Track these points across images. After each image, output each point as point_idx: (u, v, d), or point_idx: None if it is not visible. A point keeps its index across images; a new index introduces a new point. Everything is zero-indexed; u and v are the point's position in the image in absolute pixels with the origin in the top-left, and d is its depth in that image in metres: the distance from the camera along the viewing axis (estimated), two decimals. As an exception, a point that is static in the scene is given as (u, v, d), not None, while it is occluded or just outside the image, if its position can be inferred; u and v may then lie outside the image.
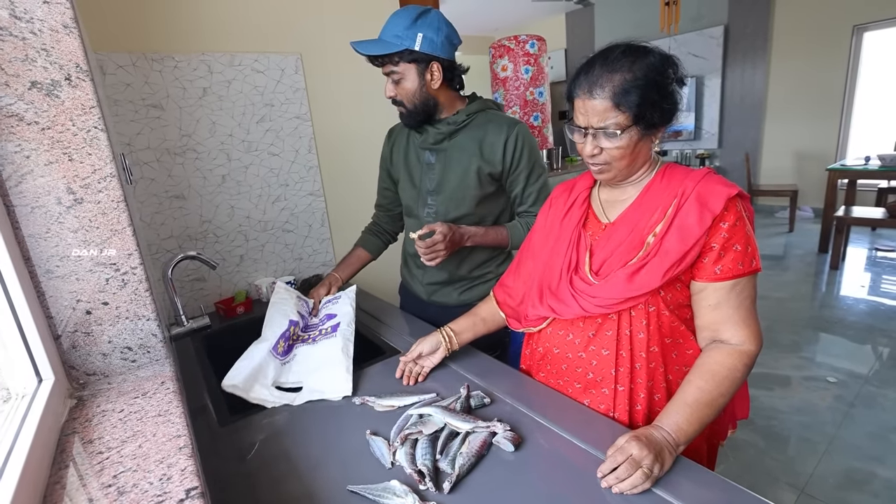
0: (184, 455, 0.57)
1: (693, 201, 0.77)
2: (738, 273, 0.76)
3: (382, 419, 0.88)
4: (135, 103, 1.36)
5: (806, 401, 2.09)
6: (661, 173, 0.83)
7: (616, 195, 0.88)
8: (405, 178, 1.27)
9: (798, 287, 3.39)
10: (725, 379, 0.76)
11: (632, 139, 0.76)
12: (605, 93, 0.74)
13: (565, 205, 0.94)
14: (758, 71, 5.18)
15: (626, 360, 0.83)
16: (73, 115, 0.70)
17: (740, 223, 0.76)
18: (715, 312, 0.79)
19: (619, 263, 0.81)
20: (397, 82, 1.11)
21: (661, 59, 0.76)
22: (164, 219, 1.45)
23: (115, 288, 0.77)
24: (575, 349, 0.88)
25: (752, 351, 0.78)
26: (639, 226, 0.81)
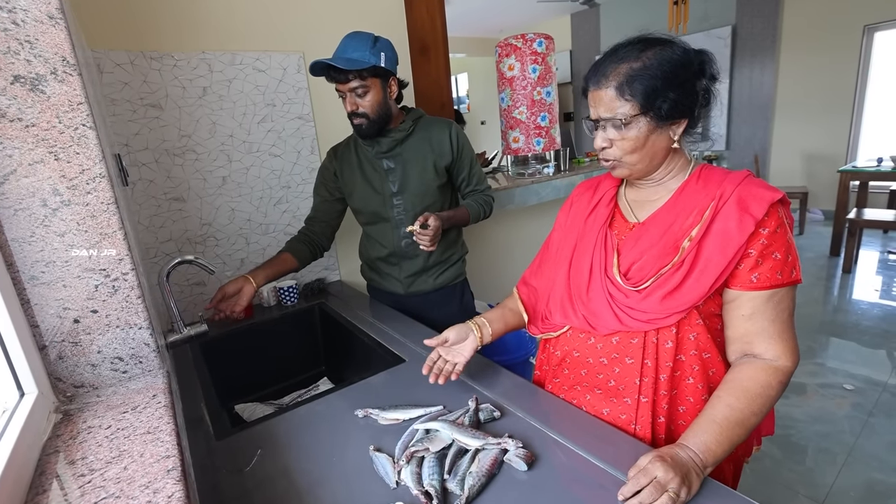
0: (172, 479, 0.52)
1: (733, 205, 0.72)
2: (777, 283, 0.71)
3: (387, 433, 0.84)
4: (133, 103, 1.32)
5: (823, 409, 2.03)
6: (697, 174, 0.79)
7: (646, 195, 0.83)
8: (364, 188, 1.37)
9: (810, 291, 3.32)
10: (759, 397, 0.70)
11: (641, 131, 0.73)
12: (609, 82, 0.72)
13: (589, 203, 0.89)
14: (766, 71, 5.11)
15: (651, 369, 0.78)
16: (60, 111, 0.66)
17: (781, 230, 0.71)
18: (748, 323, 0.73)
19: (651, 268, 0.76)
20: (362, 95, 1.23)
21: (682, 51, 0.72)
22: (162, 221, 1.42)
23: (105, 295, 0.73)
24: (597, 354, 0.83)
25: (788, 367, 0.73)
26: (672, 228, 0.76)
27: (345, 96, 1.24)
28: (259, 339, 1.50)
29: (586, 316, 0.83)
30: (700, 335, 0.76)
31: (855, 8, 4.47)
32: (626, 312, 0.78)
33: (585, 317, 0.83)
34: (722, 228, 0.71)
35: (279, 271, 1.35)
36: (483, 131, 7.80)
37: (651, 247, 0.77)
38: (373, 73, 1.21)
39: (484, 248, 2.36)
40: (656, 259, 0.76)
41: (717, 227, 0.72)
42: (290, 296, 1.58)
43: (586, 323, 0.83)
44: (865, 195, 4.00)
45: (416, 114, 1.37)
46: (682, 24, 3.45)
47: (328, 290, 1.70)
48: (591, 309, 0.82)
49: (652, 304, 0.75)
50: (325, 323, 1.56)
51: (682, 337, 0.76)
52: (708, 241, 0.72)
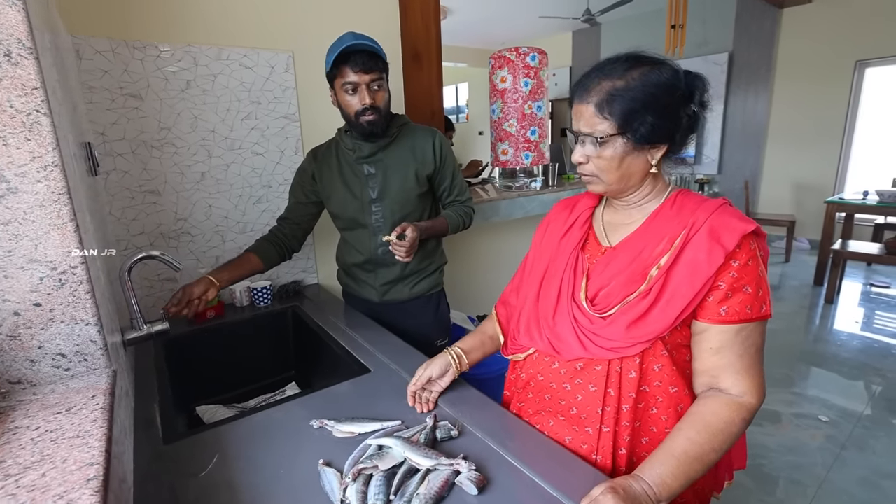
0: (90, 489, 0.49)
1: (704, 234, 0.70)
2: (746, 318, 0.69)
3: (340, 446, 0.81)
4: (112, 91, 1.29)
5: (796, 440, 2.02)
6: (672, 200, 0.77)
7: (621, 218, 0.82)
8: (343, 192, 1.34)
9: (792, 319, 3.34)
10: (720, 433, 0.68)
11: (616, 150, 0.72)
12: (591, 97, 0.72)
13: (565, 224, 0.88)
14: (760, 99, 5.19)
15: (614, 399, 0.76)
16: (12, 95, 0.64)
17: (753, 263, 0.70)
18: (716, 357, 0.72)
19: (617, 295, 0.74)
20: (378, 89, 1.21)
21: (671, 74, 0.71)
22: (135, 214, 1.38)
23: (50, 288, 0.70)
24: (560, 379, 0.81)
25: (753, 405, 0.71)
26: (642, 255, 0.74)
27: (357, 89, 1.19)
28: (228, 340, 1.46)
29: (551, 340, 0.81)
30: (665, 367, 0.75)
31: (848, 43, 4.56)
32: (591, 339, 0.76)
33: (550, 340, 0.81)
34: (691, 258, 0.70)
35: (244, 273, 1.31)
36: (481, 142, 7.82)
37: (619, 273, 0.75)
38: (385, 70, 1.22)
39: (465, 259, 2.35)
40: (623, 286, 0.74)
41: (687, 257, 0.70)
42: (263, 297, 1.55)
43: (551, 347, 0.81)
44: (851, 227, 4.04)
45: (401, 120, 1.35)
46: (678, 47, 3.49)
47: (304, 294, 1.67)
48: (556, 333, 0.80)
49: (616, 332, 0.73)
50: (297, 327, 1.53)
51: (646, 367, 0.74)
52: (676, 271, 0.71)
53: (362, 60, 1.16)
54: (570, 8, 5.40)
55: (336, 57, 1.16)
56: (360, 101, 1.19)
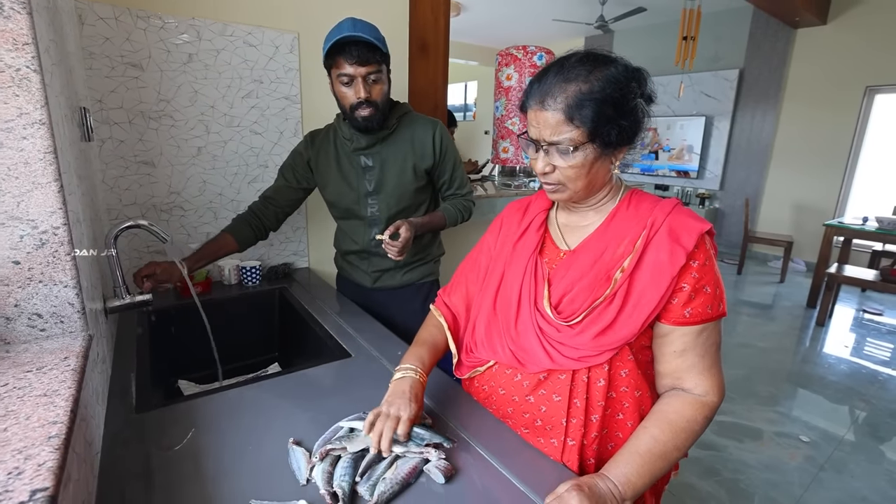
0: (50, 446, 0.49)
1: (664, 235, 0.70)
2: (707, 317, 0.70)
3: (312, 427, 0.81)
4: (112, 59, 1.29)
5: (775, 458, 2.02)
6: (627, 200, 0.76)
7: (576, 220, 0.80)
8: (339, 182, 1.31)
9: (782, 339, 3.34)
10: (683, 431, 0.69)
11: (587, 158, 0.69)
12: (557, 104, 0.67)
13: (519, 227, 0.85)
14: (767, 118, 5.19)
15: (580, 410, 0.74)
16: (2, 49, 0.63)
17: (710, 262, 0.70)
18: (679, 359, 0.72)
19: (582, 301, 0.72)
20: (376, 82, 1.17)
21: (623, 70, 0.68)
22: (128, 184, 1.38)
23: (31, 247, 0.70)
24: (522, 392, 0.79)
25: (715, 403, 0.72)
26: (604, 257, 0.73)
27: (353, 82, 1.14)
28: (214, 317, 1.45)
29: (515, 351, 0.78)
30: (631, 371, 0.74)
31: (860, 68, 4.55)
32: (557, 349, 0.74)
33: (514, 352, 0.78)
34: (654, 260, 0.70)
35: (216, 255, 1.28)
36: (486, 141, 7.82)
37: (582, 276, 0.73)
38: (385, 61, 1.17)
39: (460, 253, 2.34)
40: (588, 291, 0.72)
41: (650, 259, 0.70)
42: (252, 276, 1.55)
43: (514, 359, 0.78)
44: (848, 252, 4.05)
45: (401, 109, 1.31)
46: (689, 59, 3.48)
47: (293, 276, 1.66)
48: (519, 344, 0.77)
49: (584, 341, 0.71)
50: (283, 308, 1.53)
51: (613, 374, 0.73)
52: (640, 273, 0.70)
53: (358, 52, 1.10)
54: (583, 13, 5.39)
55: (331, 46, 1.12)
56: (356, 94, 1.15)
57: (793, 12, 4.37)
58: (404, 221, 1.20)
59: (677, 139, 5.90)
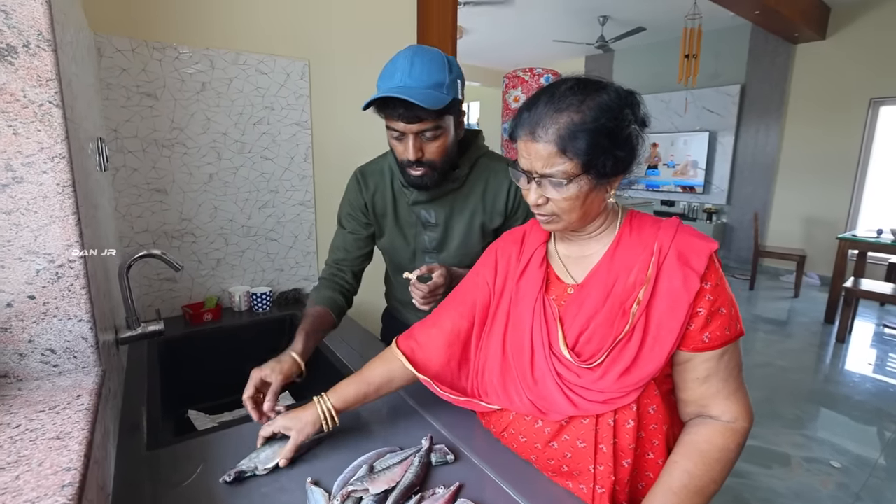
0: (65, 496, 0.46)
1: (674, 260, 0.67)
2: (726, 339, 0.67)
3: (329, 465, 0.77)
4: (128, 89, 1.30)
5: (806, 485, 1.94)
6: (629, 224, 0.73)
7: (578, 250, 0.76)
8: (394, 234, 1.12)
9: (801, 357, 3.26)
10: (717, 462, 0.65)
11: (581, 189, 0.66)
12: (548, 135, 0.64)
13: (518, 263, 0.81)
14: (771, 132, 5.19)
15: (608, 456, 0.69)
16: (27, 85, 0.63)
17: (721, 282, 0.68)
18: (704, 387, 0.68)
19: (601, 339, 0.68)
20: (432, 139, 0.92)
21: (616, 97, 0.65)
22: (141, 211, 1.38)
23: (46, 281, 0.68)
24: (544, 438, 0.74)
25: (745, 428, 0.68)
26: (615, 290, 0.69)
27: (404, 138, 0.92)
28: (225, 344, 1.44)
29: (534, 401, 0.73)
30: (659, 406, 0.70)
31: (863, 81, 4.56)
32: (579, 394, 0.69)
33: (533, 401, 0.73)
34: (668, 288, 0.66)
35: (321, 338, 1.04)
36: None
37: (596, 313, 0.69)
38: (448, 110, 0.92)
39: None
40: (605, 327, 0.68)
41: (663, 287, 0.67)
42: (262, 303, 1.53)
43: (534, 408, 0.73)
44: (863, 265, 3.98)
45: (474, 153, 1.06)
46: (691, 77, 3.51)
47: (303, 302, 1.64)
48: (538, 393, 0.73)
49: (608, 384, 0.67)
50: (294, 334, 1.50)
51: (642, 412, 0.69)
52: (656, 303, 0.67)
53: (404, 110, 0.87)
54: (584, 34, 5.47)
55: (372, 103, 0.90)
56: (405, 152, 0.93)
57: (791, 28, 4.43)
58: (441, 266, 0.99)
59: (681, 155, 5.91)
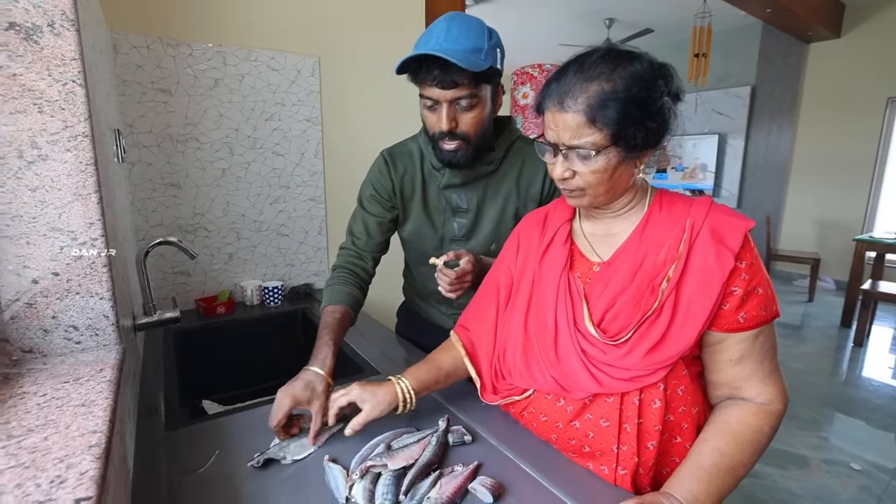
0: (91, 455, 0.47)
1: (707, 237, 0.65)
2: (762, 320, 0.65)
3: (346, 444, 0.77)
4: (143, 85, 1.33)
5: (826, 487, 1.90)
6: (658, 202, 0.71)
7: (605, 228, 0.74)
8: (421, 221, 1.05)
9: (818, 360, 3.20)
10: (750, 443, 0.64)
11: (610, 162, 0.64)
12: (577, 105, 0.62)
13: (541, 242, 0.80)
14: (783, 134, 5.15)
15: (632, 436, 0.67)
16: (51, 64, 0.65)
17: (757, 262, 0.66)
18: (737, 368, 0.67)
19: (628, 316, 0.67)
20: (468, 108, 0.88)
21: (649, 67, 0.63)
22: (155, 205, 1.40)
23: (69, 258, 0.70)
24: (566, 417, 0.73)
25: (780, 411, 0.66)
26: (644, 266, 0.67)
27: (438, 108, 0.88)
28: (238, 337, 1.45)
29: (557, 378, 0.72)
30: (687, 388, 0.68)
31: (880, 79, 4.48)
32: (605, 371, 0.67)
33: (556, 379, 0.72)
34: (700, 265, 0.65)
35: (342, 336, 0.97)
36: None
37: (623, 290, 0.68)
38: (485, 78, 0.87)
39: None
40: (633, 304, 0.66)
41: (695, 264, 0.65)
42: (274, 296, 1.54)
43: (557, 385, 0.72)
44: (881, 268, 3.91)
45: (509, 136, 1.01)
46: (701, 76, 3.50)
47: (314, 296, 1.65)
48: (561, 370, 0.71)
49: (634, 360, 0.65)
50: (306, 328, 1.51)
51: (670, 394, 0.67)
52: (687, 281, 0.65)
53: (440, 73, 0.82)
54: (590, 37, 5.49)
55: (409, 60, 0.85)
56: (438, 122, 0.89)
57: (805, 27, 4.38)
58: (468, 253, 0.94)
59: (690, 158, 5.88)
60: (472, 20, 0.87)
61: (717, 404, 0.71)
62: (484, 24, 0.88)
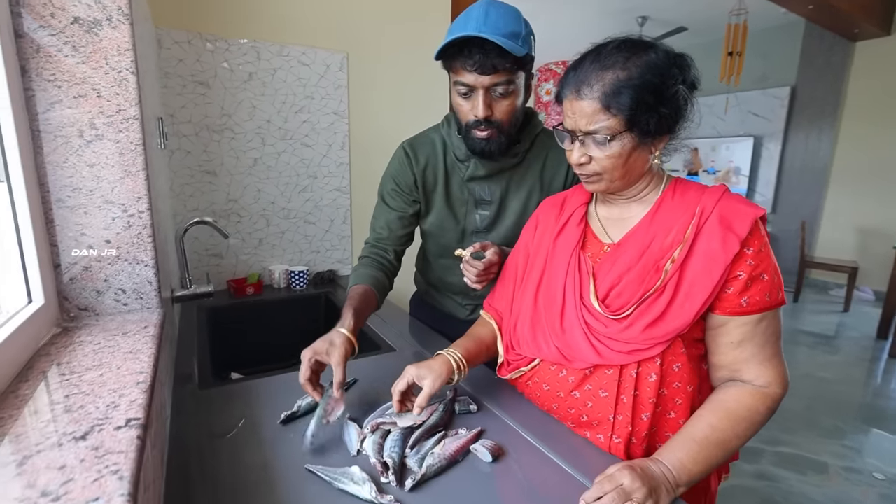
0: (139, 389, 0.54)
1: (715, 222, 0.67)
2: (766, 305, 0.67)
3: (365, 409, 0.83)
4: (184, 78, 1.43)
5: (844, 493, 1.85)
6: (672, 189, 0.74)
7: (619, 212, 0.78)
8: (443, 213, 1.05)
9: (848, 370, 3.09)
10: (743, 420, 0.66)
11: (624, 147, 0.67)
12: (593, 92, 0.65)
13: (557, 222, 0.84)
14: (824, 137, 4.95)
15: (628, 406, 0.71)
16: (108, 54, 0.73)
17: (766, 249, 0.67)
18: (737, 351, 0.69)
19: (631, 293, 0.70)
20: (504, 95, 0.87)
21: (664, 56, 0.66)
22: (192, 191, 1.50)
23: (120, 228, 0.78)
24: (567, 387, 0.77)
25: (778, 394, 0.68)
26: (651, 248, 0.71)
27: (473, 94, 0.87)
28: (265, 316, 1.53)
29: (560, 348, 0.76)
30: (684, 366, 0.71)
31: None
32: (605, 343, 0.71)
33: (559, 349, 0.76)
34: (705, 249, 0.67)
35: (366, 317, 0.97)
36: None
37: (629, 269, 0.71)
38: (522, 65, 0.87)
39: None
40: (637, 283, 0.70)
41: (701, 248, 0.67)
42: (300, 280, 1.62)
43: (560, 355, 0.76)
44: (923, 277, 3.73)
45: (534, 128, 1.00)
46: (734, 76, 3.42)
47: (338, 283, 1.73)
48: (565, 341, 0.75)
49: (633, 334, 0.69)
50: (329, 311, 1.59)
51: (666, 368, 0.70)
52: (692, 263, 0.68)
53: (482, 56, 0.82)
54: (623, 37, 5.42)
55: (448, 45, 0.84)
56: (473, 110, 0.88)
57: (851, 24, 4.19)
58: (494, 244, 0.95)
59: (723, 161, 5.73)
60: (508, 6, 0.87)
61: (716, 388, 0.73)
62: (518, 10, 0.89)
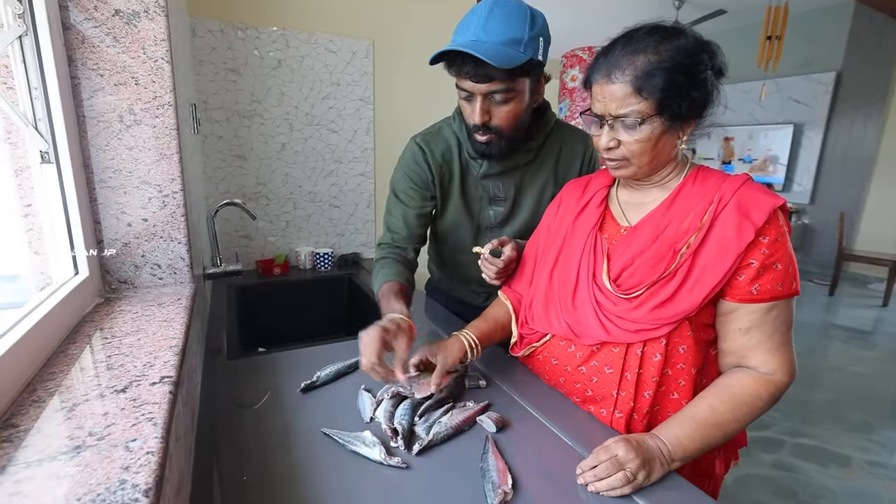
0: (172, 352, 0.60)
1: (732, 210, 0.68)
2: (777, 295, 0.67)
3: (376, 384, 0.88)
4: (216, 65, 1.49)
5: (866, 487, 1.81)
6: (693, 176, 0.74)
7: (639, 197, 0.79)
8: (458, 210, 1.04)
9: (882, 366, 2.98)
10: (744, 405, 0.67)
11: (654, 131, 0.67)
12: (625, 76, 0.65)
13: (578, 204, 0.85)
14: (870, 125, 4.69)
15: (631, 383, 0.73)
16: (146, 44, 0.78)
17: (782, 239, 0.67)
18: (745, 337, 0.69)
19: (643, 274, 0.71)
20: (503, 102, 0.86)
21: (694, 41, 0.67)
22: (223, 175, 1.57)
23: (156, 207, 0.84)
24: (575, 362, 0.80)
25: (783, 382, 0.69)
26: (667, 232, 0.72)
27: (472, 99, 0.87)
28: (291, 295, 1.61)
29: (570, 324, 0.78)
30: (690, 348, 0.72)
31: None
32: (613, 321, 0.73)
33: (570, 325, 0.78)
34: (720, 235, 0.68)
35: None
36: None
37: (642, 251, 0.72)
38: (524, 71, 0.85)
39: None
40: (649, 265, 0.71)
41: (716, 234, 0.68)
42: (325, 262, 1.69)
43: (570, 331, 0.78)
44: (969, 271, 3.54)
45: (547, 122, 1.00)
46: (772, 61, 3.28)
47: (361, 265, 1.79)
48: (576, 317, 0.78)
49: (641, 314, 0.70)
50: (352, 292, 1.65)
51: (671, 349, 0.72)
52: (705, 249, 0.68)
53: (473, 67, 0.81)
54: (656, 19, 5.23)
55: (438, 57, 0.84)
56: (471, 114, 0.88)
57: (902, 6, 3.94)
58: (511, 240, 0.93)
59: (760, 149, 5.51)
60: (515, 5, 0.84)
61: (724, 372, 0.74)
62: (528, 9, 0.85)
